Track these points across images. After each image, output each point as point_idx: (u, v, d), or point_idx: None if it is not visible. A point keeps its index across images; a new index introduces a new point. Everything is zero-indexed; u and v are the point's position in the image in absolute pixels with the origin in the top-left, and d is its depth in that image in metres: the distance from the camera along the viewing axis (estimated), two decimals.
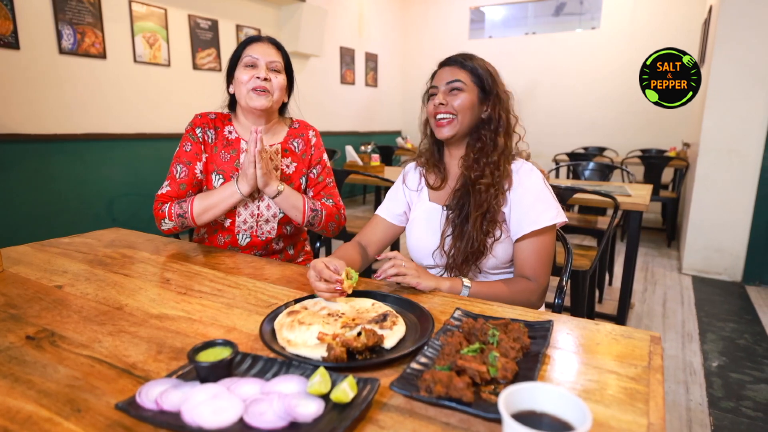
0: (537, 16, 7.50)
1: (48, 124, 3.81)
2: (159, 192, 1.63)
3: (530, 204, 1.31)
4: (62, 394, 0.76)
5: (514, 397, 0.60)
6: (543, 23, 7.47)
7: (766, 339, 2.87)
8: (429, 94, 1.41)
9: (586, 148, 6.44)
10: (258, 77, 1.56)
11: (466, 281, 1.25)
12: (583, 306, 2.40)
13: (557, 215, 1.31)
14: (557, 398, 0.59)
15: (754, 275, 3.86)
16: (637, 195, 2.86)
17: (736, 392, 2.30)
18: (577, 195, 2.58)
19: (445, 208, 1.41)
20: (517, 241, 1.33)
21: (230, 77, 1.65)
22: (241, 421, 0.67)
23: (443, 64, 1.40)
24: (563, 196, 2.49)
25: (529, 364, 0.82)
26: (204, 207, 1.57)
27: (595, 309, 2.94)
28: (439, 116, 1.36)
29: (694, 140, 4.47)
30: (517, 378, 0.77)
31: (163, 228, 1.62)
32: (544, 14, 7.47)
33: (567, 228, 3.31)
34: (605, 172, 4.04)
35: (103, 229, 1.88)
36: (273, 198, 1.57)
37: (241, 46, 1.61)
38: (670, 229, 5.04)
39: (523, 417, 0.58)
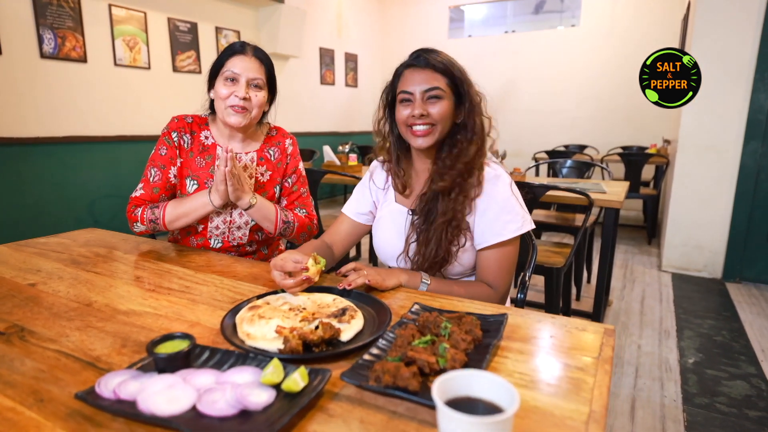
0: (516, 14, 7.54)
1: (30, 127, 3.82)
2: (133, 195, 1.65)
3: (495, 215, 1.29)
4: (27, 385, 0.79)
5: (449, 385, 0.63)
6: (522, 21, 7.51)
7: (744, 336, 2.90)
8: (401, 99, 1.32)
9: (566, 146, 6.47)
10: (237, 95, 1.54)
11: (425, 277, 1.27)
12: (557, 303, 2.43)
13: (522, 225, 1.30)
14: (490, 384, 0.62)
15: (733, 272, 3.90)
16: (612, 192, 2.89)
17: (711, 388, 2.33)
18: (550, 192, 2.59)
19: (410, 213, 1.39)
20: (480, 250, 1.33)
21: (211, 82, 1.63)
22: (193, 409, 0.70)
23: (412, 65, 1.31)
24: (536, 193, 2.51)
25: (479, 356, 0.85)
26: (176, 215, 1.58)
27: (571, 306, 2.97)
28: (417, 127, 1.29)
29: (674, 137, 4.51)
30: (466, 368, 0.80)
31: (135, 230, 1.63)
32: (523, 12, 7.51)
33: (545, 226, 3.35)
34: (583, 169, 4.07)
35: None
36: (246, 210, 1.58)
37: (225, 56, 1.58)
38: (650, 226, 5.08)
39: (460, 402, 0.61)
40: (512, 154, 6.86)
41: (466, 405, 0.61)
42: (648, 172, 5.80)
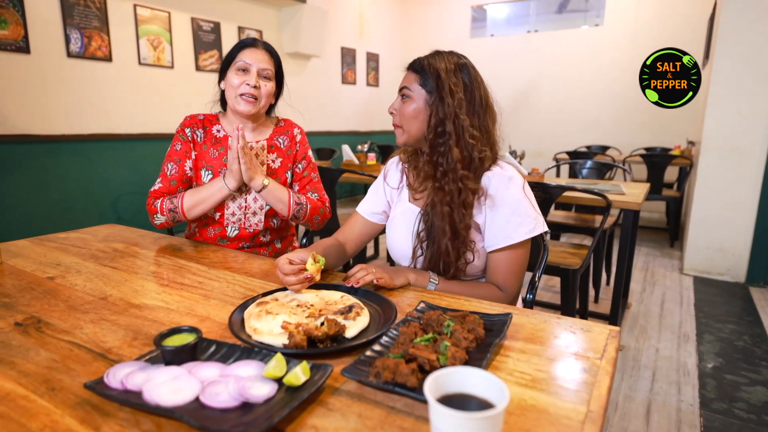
0: (539, 13, 7.45)
1: (57, 125, 3.93)
2: (152, 189, 1.72)
3: (506, 217, 1.27)
4: (40, 374, 0.82)
5: (442, 381, 0.63)
6: (545, 21, 7.42)
7: (766, 341, 2.84)
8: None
9: (588, 147, 6.40)
10: (248, 84, 1.64)
11: (434, 277, 1.27)
12: (573, 305, 2.41)
13: (534, 228, 1.28)
14: (482, 381, 0.63)
15: (757, 276, 3.82)
16: (630, 193, 2.84)
17: (730, 394, 2.29)
18: (568, 193, 2.56)
19: (421, 214, 1.38)
20: (490, 252, 1.32)
21: (222, 74, 1.72)
22: (197, 400, 0.72)
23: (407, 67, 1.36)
24: (552, 194, 2.49)
25: (481, 354, 0.85)
26: (194, 202, 1.65)
27: (588, 308, 2.93)
28: (393, 122, 1.36)
29: (699, 138, 4.44)
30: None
31: (155, 222, 1.69)
32: (546, 12, 7.42)
33: (564, 227, 3.31)
34: (603, 170, 4.01)
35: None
36: (259, 192, 1.63)
37: (236, 49, 1.68)
38: (672, 228, 5.00)
39: (453, 399, 0.62)
40: (533, 154, 6.79)
41: (459, 401, 0.62)
42: (671, 173, 5.69)
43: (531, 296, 1.47)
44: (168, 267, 1.42)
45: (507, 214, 1.28)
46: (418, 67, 1.31)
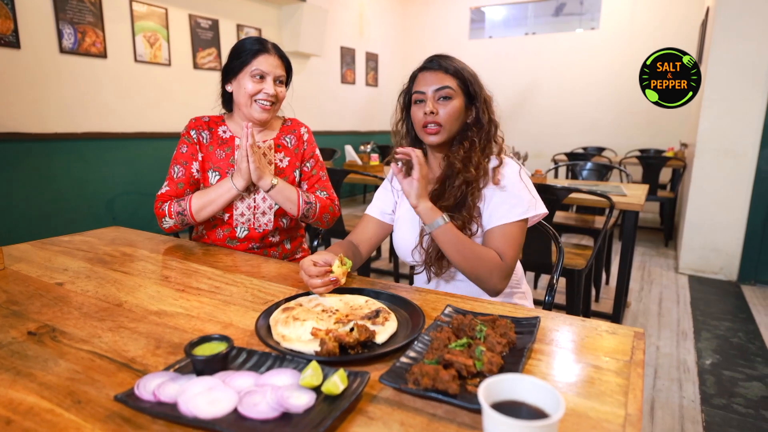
0: (537, 16, 7.53)
1: (49, 123, 3.84)
2: (159, 192, 1.69)
3: (501, 199, 1.32)
4: (63, 386, 0.79)
5: (493, 388, 0.63)
6: (543, 23, 7.50)
7: (759, 337, 2.90)
8: (415, 99, 1.38)
9: (585, 148, 6.46)
10: (266, 92, 1.63)
11: (446, 216, 1.26)
12: (578, 305, 2.42)
13: (528, 209, 1.31)
14: (534, 388, 0.62)
15: (749, 274, 3.89)
16: (632, 195, 2.88)
17: (729, 389, 2.33)
18: (573, 195, 2.59)
19: None
20: (485, 231, 1.35)
21: (229, 75, 1.68)
22: (235, 411, 0.70)
23: (425, 68, 1.39)
24: (559, 196, 2.51)
25: (515, 359, 0.85)
26: (202, 204, 1.63)
27: (591, 308, 2.96)
28: (428, 125, 1.35)
29: (692, 141, 4.50)
30: (502, 371, 0.80)
31: (164, 226, 1.66)
32: (544, 14, 7.50)
33: (565, 227, 3.34)
34: (602, 172, 4.06)
35: (103, 227, 1.91)
36: (267, 192, 1.61)
37: (250, 54, 1.63)
38: (667, 228, 5.06)
39: (503, 406, 0.61)
40: (531, 155, 6.85)
41: (509, 408, 0.61)
42: (665, 175, 5.78)
43: (550, 299, 1.48)
44: (181, 271, 1.39)
45: (502, 196, 1.33)
46: (452, 70, 1.36)
